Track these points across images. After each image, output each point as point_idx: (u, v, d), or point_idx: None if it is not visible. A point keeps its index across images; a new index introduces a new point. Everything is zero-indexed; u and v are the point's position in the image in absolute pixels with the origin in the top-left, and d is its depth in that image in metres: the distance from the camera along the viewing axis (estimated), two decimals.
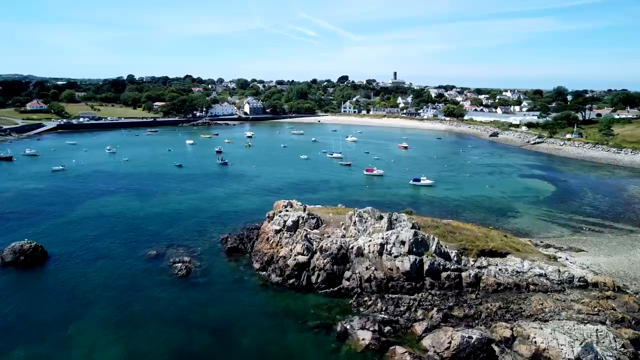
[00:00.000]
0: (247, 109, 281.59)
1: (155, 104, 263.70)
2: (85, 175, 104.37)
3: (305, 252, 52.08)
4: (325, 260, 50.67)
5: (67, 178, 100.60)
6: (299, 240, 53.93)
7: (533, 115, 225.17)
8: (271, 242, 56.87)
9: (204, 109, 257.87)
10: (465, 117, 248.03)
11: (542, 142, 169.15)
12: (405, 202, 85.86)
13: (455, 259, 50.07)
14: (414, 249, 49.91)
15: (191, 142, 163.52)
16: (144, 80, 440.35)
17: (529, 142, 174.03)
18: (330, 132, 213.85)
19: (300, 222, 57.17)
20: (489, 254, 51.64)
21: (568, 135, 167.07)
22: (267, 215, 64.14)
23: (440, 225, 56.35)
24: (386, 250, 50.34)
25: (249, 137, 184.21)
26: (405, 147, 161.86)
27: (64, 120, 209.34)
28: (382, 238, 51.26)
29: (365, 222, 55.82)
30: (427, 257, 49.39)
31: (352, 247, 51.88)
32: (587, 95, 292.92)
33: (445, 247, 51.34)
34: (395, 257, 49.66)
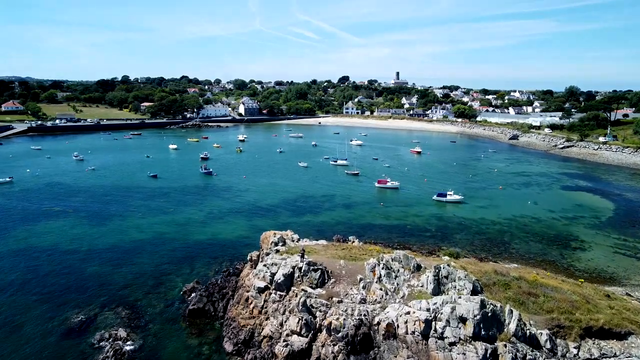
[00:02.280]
0: (242, 109, 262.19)
1: (143, 104, 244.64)
2: (33, 189, 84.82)
3: (303, 330, 32.79)
4: (336, 348, 31.35)
5: (9, 194, 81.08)
6: (293, 308, 34.61)
7: (553, 117, 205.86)
8: (252, 306, 37.53)
9: (195, 110, 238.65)
10: (479, 119, 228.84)
11: (572, 146, 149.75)
12: (433, 227, 66.68)
13: (547, 345, 30.75)
14: (482, 331, 30.63)
15: (175, 146, 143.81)
16: (139, 80, 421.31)
17: (556, 146, 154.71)
18: (332, 135, 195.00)
19: (296, 275, 37.81)
20: (597, 333, 32.41)
21: (601, 139, 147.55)
22: (249, 257, 44.92)
23: (511, 281, 36.84)
24: (435, 331, 31.03)
25: (241, 140, 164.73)
26: (418, 152, 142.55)
27: (38, 122, 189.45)
28: (428, 310, 31.96)
29: (397, 276, 36.51)
30: (503, 344, 30.11)
31: (379, 323, 32.58)
32: (610, 94, 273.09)
33: (530, 323, 32.07)
34: (452, 344, 30.34)
